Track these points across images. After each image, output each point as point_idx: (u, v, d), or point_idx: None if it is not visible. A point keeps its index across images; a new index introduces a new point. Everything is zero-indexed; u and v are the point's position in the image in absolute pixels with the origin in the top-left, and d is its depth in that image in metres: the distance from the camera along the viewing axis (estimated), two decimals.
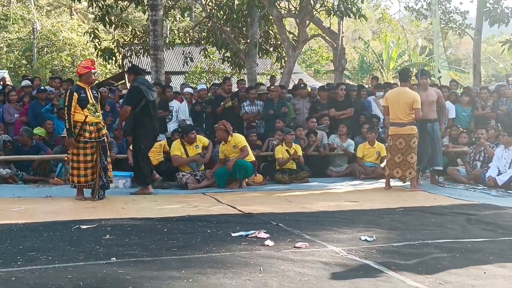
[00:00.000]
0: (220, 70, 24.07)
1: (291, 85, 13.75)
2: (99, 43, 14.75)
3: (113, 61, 14.88)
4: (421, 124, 7.90)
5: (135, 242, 4.20)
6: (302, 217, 5.46)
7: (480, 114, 10.61)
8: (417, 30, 38.98)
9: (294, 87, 12.32)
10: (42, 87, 10.65)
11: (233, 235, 4.49)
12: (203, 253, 3.84)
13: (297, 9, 13.66)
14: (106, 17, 14.05)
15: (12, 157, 8.66)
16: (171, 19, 17.42)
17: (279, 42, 15.12)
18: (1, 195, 7.00)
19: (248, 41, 13.88)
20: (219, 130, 8.29)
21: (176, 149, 8.40)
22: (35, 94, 10.40)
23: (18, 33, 30.21)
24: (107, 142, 6.86)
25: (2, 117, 9.77)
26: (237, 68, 16.14)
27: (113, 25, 14.59)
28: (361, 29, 41.32)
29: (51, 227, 4.80)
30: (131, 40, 15.59)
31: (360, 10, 12.47)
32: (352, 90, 11.03)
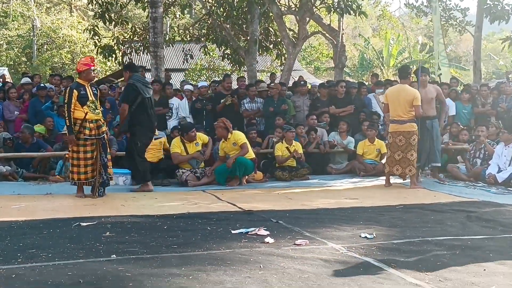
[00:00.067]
0: (220, 67, 24.08)
1: (291, 82, 13.73)
2: (99, 40, 14.72)
3: (113, 58, 14.85)
4: (420, 121, 7.90)
5: (135, 239, 4.21)
6: (302, 214, 5.46)
7: (480, 111, 10.59)
8: (417, 27, 38.95)
9: (293, 84, 12.31)
10: (42, 84, 10.64)
11: (233, 232, 4.49)
12: (203, 250, 3.85)
13: (297, 6, 13.64)
14: (106, 14, 14.01)
15: (12, 154, 8.66)
16: (171, 16, 17.39)
17: (279, 39, 15.10)
18: (1, 192, 7.01)
19: (248, 38, 13.86)
20: (219, 127, 8.28)
21: (176, 146, 8.40)
22: (35, 92, 10.39)
23: (18, 30, 30.21)
24: (107, 139, 6.86)
25: (2, 115, 9.76)
26: (237, 65, 16.12)
27: (113, 22, 14.57)
28: (361, 26, 41.32)
29: (51, 224, 4.80)
30: (131, 37, 15.57)
31: (360, 7, 12.46)
32: (352, 87, 11.02)
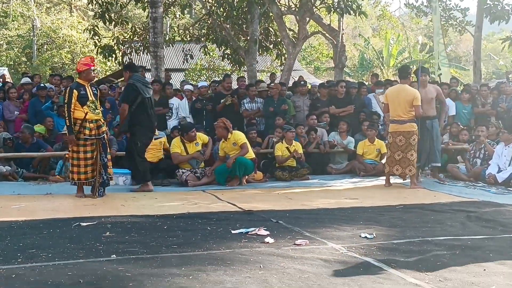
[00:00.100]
0: (220, 67, 24.07)
1: (291, 82, 13.73)
2: (99, 40, 14.72)
3: (113, 58, 14.85)
4: (420, 121, 7.90)
5: (135, 239, 4.21)
6: (302, 214, 5.46)
7: (480, 111, 10.59)
8: (417, 27, 38.93)
9: (293, 84, 12.30)
10: (42, 84, 10.64)
11: (233, 232, 4.49)
12: (203, 250, 3.85)
13: (297, 6, 13.64)
14: (106, 14, 14.01)
15: (12, 154, 8.66)
16: (171, 16, 17.39)
17: (279, 39, 15.10)
18: (1, 192, 7.00)
19: (248, 38, 13.86)
20: (219, 127, 8.28)
21: (176, 146, 8.39)
22: (35, 92, 10.39)
23: (18, 30, 30.21)
24: (107, 139, 6.86)
25: (2, 115, 9.76)
26: (237, 65, 16.12)
27: (113, 22, 14.57)
28: (361, 26, 41.31)
29: (51, 224, 4.80)
30: (131, 37, 15.57)
31: (360, 7, 12.46)
32: (352, 87, 11.02)
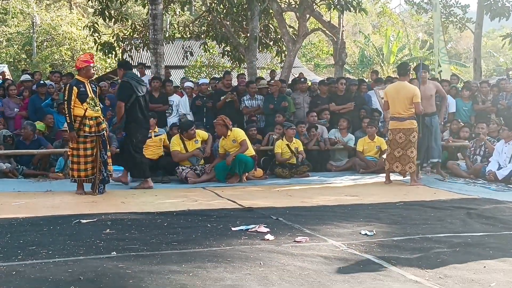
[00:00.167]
0: (220, 64, 24.02)
1: (291, 79, 13.72)
2: (98, 37, 14.70)
3: (113, 55, 14.83)
4: (418, 118, 7.89)
5: (135, 236, 4.21)
6: (302, 211, 5.46)
7: (480, 108, 10.59)
8: (417, 24, 38.92)
9: (293, 81, 12.30)
10: (42, 82, 10.63)
11: (233, 229, 4.50)
12: (203, 247, 3.85)
13: (297, 3, 13.61)
14: (106, 11, 13.98)
15: (12, 151, 8.66)
16: (171, 13, 17.35)
17: (279, 36, 15.07)
18: (1, 189, 7.01)
19: (248, 35, 13.84)
20: (218, 125, 8.28)
21: (176, 144, 8.39)
22: (35, 89, 10.38)
23: (18, 27, 30.17)
24: (107, 136, 6.86)
25: (2, 112, 9.76)
26: (237, 62, 16.11)
27: (113, 19, 14.54)
28: (361, 23, 41.24)
29: (51, 221, 4.80)
30: (131, 34, 15.53)
31: (361, 4, 12.43)
32: (353, 84, 11.02)
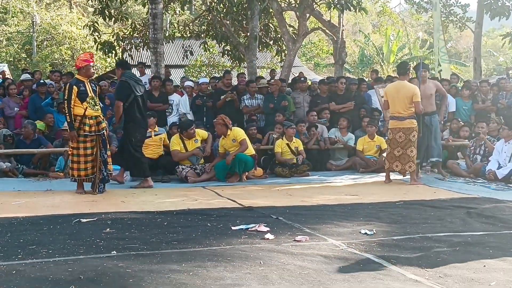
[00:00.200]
0: (220, 64, 24.02)
1: (291, 79, 13.72)
2: (98, 36, 14.70)
3: (113, 54, 14.83)
4: (418, 117, 7.89)
5: (136, 235, 4.21)
6: (302, 210, 5.46)
7: (480, 107, 10.59)
8: (417, 24, 38.90)
9: (293, 80, 12.29)
10: (42, 81, 10.63)
11: (233, 228, 4.50)
12: (203, 246, 3.85)
13: (297, 2, 13.61)
14: (106, 11, 13.98)
15: (12, 150, 8.66)
16: (171, 12, 17.36)
17: (279, 36, 15.07)
18: (1, 188, 7.01)
19: (248, 34, 13.83)
20: (218, 124, 8.28)
21: (176, 144, 8.40)
22: (35, 88, 10.38)
23: (18, 26, 30.14)
24: (106, 136, 6.86)
25: (2, 111, 9.76)
26: (237, 61, 16.10)
27: (113, 19, 14.54)
28: (361, 22, 41.24)
29: (51, 220, 4.80)
30: (131, 33, 15.53)
31: (361, 3, 12.43)
32: (352, 84, 11.02)
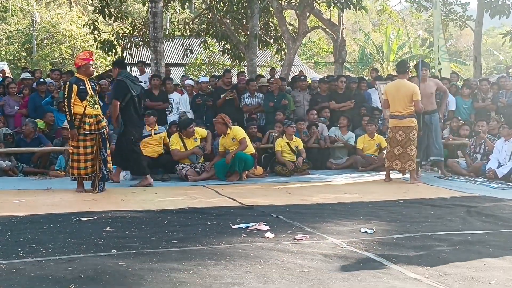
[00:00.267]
0: (220, 62, 24.00)
1: (291, 77, 13.71)
2: (98, 35, 14.67)
3: (113, 53, 14.81)
4: (419, 116, 7.89)
5: (136, 234, 4.21)
6: (302, 209, 5.47)
7: (480, 106, 10.59)
8: (417, 22, 38.85)
9: (293, 79, 12.28)
10: (42, 79, 10.63)
11: (233, 227, 4.50)
12: (204, 245, 3.85)
13: (297, 0, 13.60)
14: (106, 9, 13.97)
15: (12, 149, 8.65)
16: (171, 11, 17.34)
17: (279, 34, 15.07)
18: (1, 187, 7.02)
19: (248, 33, 13.82)
20: (218, 123, 8.28)
21: (175, 143, 8.40)
22: (35, 87, 10.38)
23: (18, 25, 30.10)
24: (106, 134, 6.86)
25: (2, 110, 9.76)
26: (237, 60, 16.09)
27: (113, 17, 14.52)
28: (361, 21, 41.20)
29: (51, 219, 4.80)
30: (131, 32, 15.52)
31: (361, 2, 12.43)
32: (353, 82, 11.01)
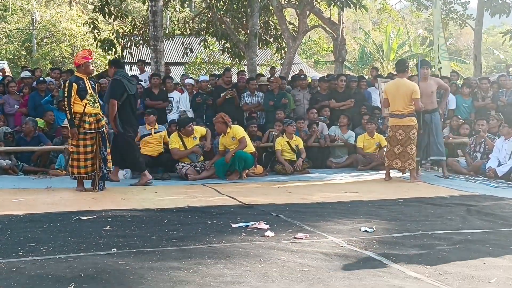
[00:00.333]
0: (220, 61, 24.00)
1: (291, 76, 13.70)
2: (98, 34, 14.66)
3: (113, 52, 14.80)
4: (419, 115, 7.88)
5: (136, 233, 4.21)
6: (302, 208, 5.47)
7: (480, 105, 10.58)
8: (417, 21, 38.79)
9: (293, 78, 12.28)
10: (42, 78, 10.62)
11: (233, 226, 4.50)
12: (203, 244, 3.85)
13: None
14: (106, 8, 13.95)
15: (12, 148, 8.65)
16: (170, 9, 17.30)
17: (279, 33, 15.05)
18: (1, 186, 7.02)
19: (248, 31, 13.80)
20: (218, 122, 8.28)
21: (175, 142, 8.39)
22: (35, 85, 10.37)
23: (17, 24, 30.09)
24: (106, 133, 6.86)
25: (2, 108, 9.75)
26: (237, 59, 16.07)
27: (113, 16, 14.50)
28: (361, 19, 41.14)
29: (51, 218, 4.81)
30: (131, 31, 15.50)
31: (361, 1, 12.41)
32: (353, 81, 11.00)
